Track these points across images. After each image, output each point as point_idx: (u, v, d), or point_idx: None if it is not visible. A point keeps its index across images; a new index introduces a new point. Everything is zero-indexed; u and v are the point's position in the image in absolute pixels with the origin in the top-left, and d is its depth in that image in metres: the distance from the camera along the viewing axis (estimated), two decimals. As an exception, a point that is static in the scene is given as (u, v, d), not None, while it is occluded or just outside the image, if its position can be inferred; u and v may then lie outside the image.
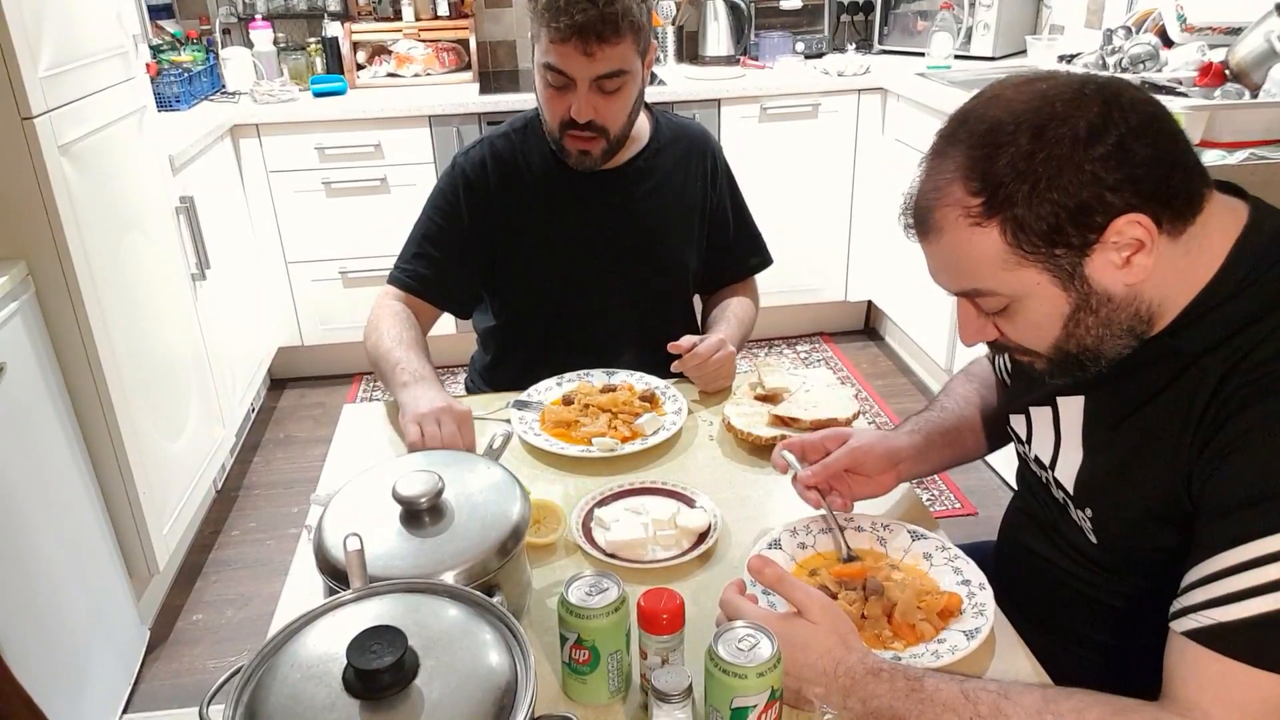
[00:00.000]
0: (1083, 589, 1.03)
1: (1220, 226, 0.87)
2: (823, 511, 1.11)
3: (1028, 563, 1.10)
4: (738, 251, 1.73)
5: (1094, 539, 0.98)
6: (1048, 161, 0.79)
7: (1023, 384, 1.09)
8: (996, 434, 1.20)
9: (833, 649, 0.87)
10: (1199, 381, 0.84)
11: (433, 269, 1.59)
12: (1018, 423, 1.09)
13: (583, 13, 1.36)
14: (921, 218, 0.88)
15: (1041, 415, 1.04)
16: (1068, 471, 0.99)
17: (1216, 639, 0.78)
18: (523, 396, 1.46)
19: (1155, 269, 0.83)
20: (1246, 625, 0.77)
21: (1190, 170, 0.84)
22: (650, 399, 1.43)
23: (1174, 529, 0.87)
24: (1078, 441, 0.98)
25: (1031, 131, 0.80)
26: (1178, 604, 0.82)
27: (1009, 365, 1.19)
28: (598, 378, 1.50)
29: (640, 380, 1.48)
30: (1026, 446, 1.08)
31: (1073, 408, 0.99)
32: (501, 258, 1.61)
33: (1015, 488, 1.19)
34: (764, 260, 1.77)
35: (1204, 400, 0.84)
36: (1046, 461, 1.03)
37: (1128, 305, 0.85)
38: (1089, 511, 0.97)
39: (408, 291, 1.59)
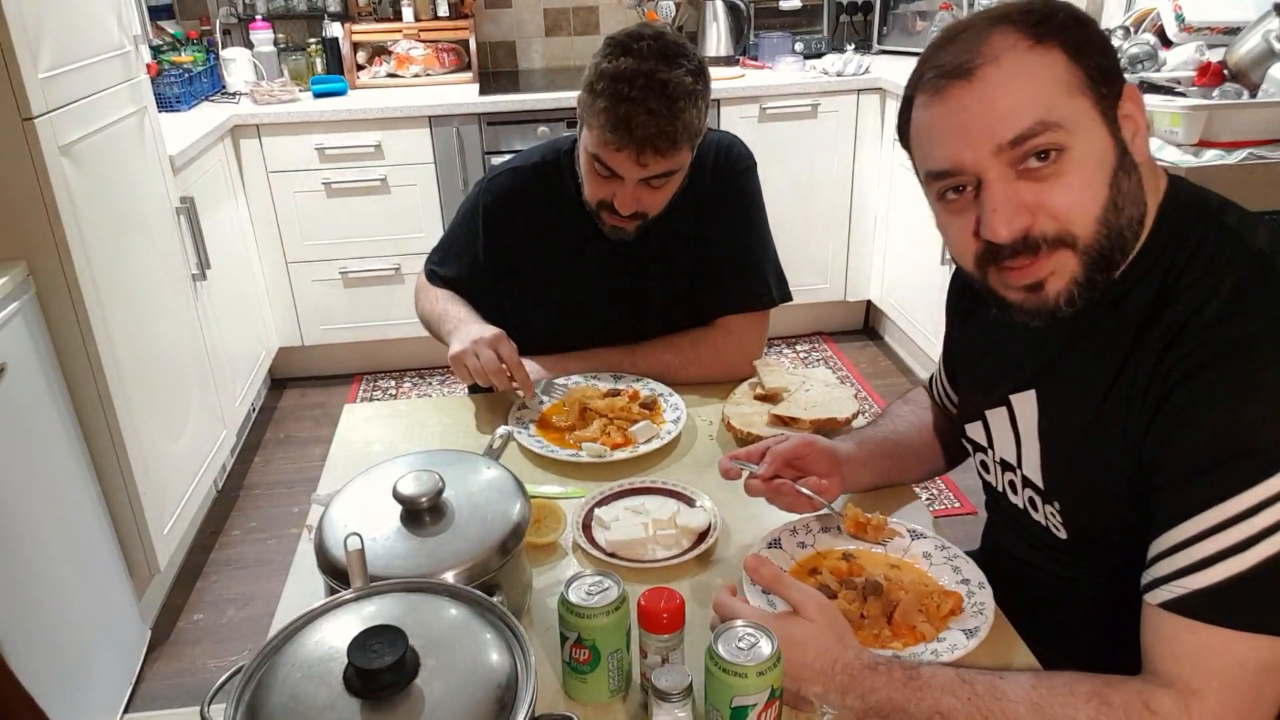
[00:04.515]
0: (1060, 585, 1.04)
1: (1154, 175, 0.90)
2: (824, 510, 1.12)
3: (1008, 566, 1.11)
4: (725, 285, 1.56)
5: (1064, 534, 0.99)
6: (1070, 14, 0.84)
7: (975, 393, 1.10)
8: (954, 448, 1.23)
9: (829, 647, 0.87)
10: (1140, 360, 0.86)
11: (452, 275, 1.61)
12: (975, 431, 1.10)
13: (642, 128, 1.29)
14: (966, 58, 0.83)
15: (998, 417, 1.04)
16: (1034, 467, 1.00)
17: (1191, 606, 0.80)
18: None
19: (1144, 166, 0.86)
20: (1218, 589, 0.78)
21: None
22: (651, 405, 1.43)
23: (1138, 508, 0.88)
24: (1035, 436, 0.99)
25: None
26: (1147, 575, 0.84)
27: (949, 390, 1.22)
28: (605, 381, 1.50)
29: (646, 385, 1.48)
30: (989, 452, 1.08)
31: (1026, 403, 1.00)
32: (512, 283, 1.58)
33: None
34: (754, 297, 1.56)
35: (1146, 378, 0.85)
36: (1013, 462, 1.04)
37: (1140, 189, 0.87)
38: (1057, 504, 0.98)
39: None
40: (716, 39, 3.52)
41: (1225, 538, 0.78)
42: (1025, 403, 1.00)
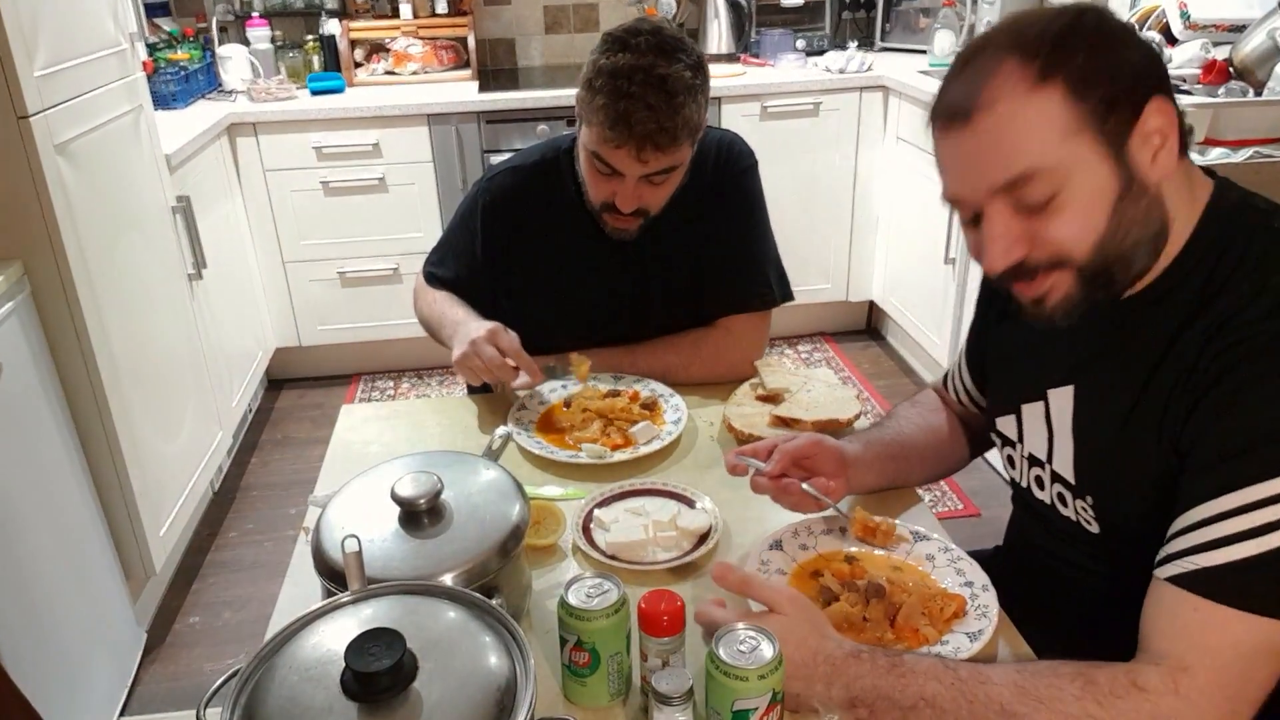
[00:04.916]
0: (1086, 580, 1.04)
1: (1199, 181, 0.91)
2: (830, 511, 1.11)
3: (1034, 561, 1.11)
4: (726, 285, 1.55)
5: (1095, 528, 0.99)
6: (1093, 31, 0.83)
7: (1010, 387, 1.09)
8: (962, 449, 1.25)
9: (806, 639, 0.87)
10: (1181, 353, 0.86)
11: (450, 276, 1.59)
12: (1006, 425, 1.09)
13: (641, 124, 1.28)
14: (966, 98, 0.85)
15: (1033, 411, 1.04)
16: (1066, 462, 1.00)
17: (1197, 583, 0.80)
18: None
19: (1168, 180, 0.86)
20: (1228, 569, 0.79)
21: None
22: (651, 406, 1.42)
23: (1172, 501, 0.88)
24: (1069, 431, 0.99)
25: (1064, 15, 0.84)
26: (1163, 552, 0.84)
27: (971, 386, 1.21)
28: (604, 381, 1.48)
29: (646, 386, 1.47)
30: (1018, 446, 1.08)
31: (1063, 399, 1.00)
32: (511, 283, 1.57)
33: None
34: (756, 297, 1.55)
35: (1187, 370, 0.86)
36: (1042, 457, 1.04)
37: (1157, 207, 0.86)
38: (1090, 499, 0.98)
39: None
40: (718, 36, 3.52)
41: (1244, 520, 0.78)
42: (1062, 398, 1.00)
